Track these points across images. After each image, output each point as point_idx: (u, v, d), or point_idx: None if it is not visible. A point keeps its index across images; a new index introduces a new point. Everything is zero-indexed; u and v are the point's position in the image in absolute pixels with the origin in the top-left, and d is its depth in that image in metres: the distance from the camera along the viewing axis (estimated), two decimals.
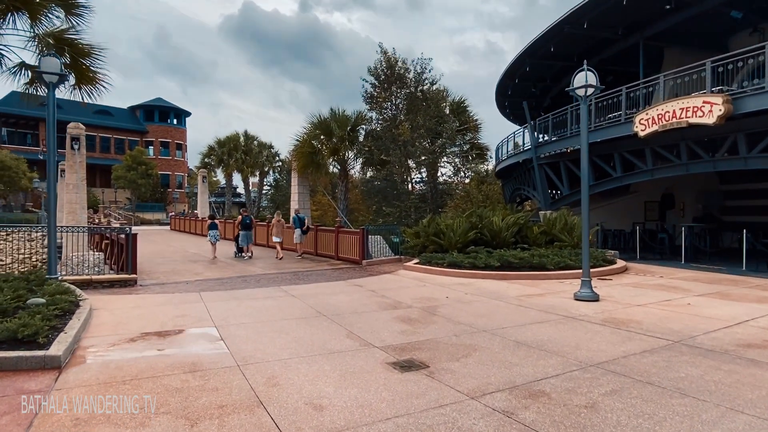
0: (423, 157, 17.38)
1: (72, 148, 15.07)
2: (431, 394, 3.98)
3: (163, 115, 60.85)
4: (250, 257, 15.48)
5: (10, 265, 15.31)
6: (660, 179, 16.61)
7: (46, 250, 15.27)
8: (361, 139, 18.59)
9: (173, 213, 43.89)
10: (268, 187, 43.62)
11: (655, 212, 21.21)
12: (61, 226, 10.56)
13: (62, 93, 9.51)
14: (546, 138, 20.26)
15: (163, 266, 13.65)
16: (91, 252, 11.41)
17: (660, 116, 13.06)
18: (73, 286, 8.41)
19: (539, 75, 23.20)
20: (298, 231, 15.83)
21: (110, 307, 7.45)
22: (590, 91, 8.31)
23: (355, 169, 19.52)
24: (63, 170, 31.51)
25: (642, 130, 13.75)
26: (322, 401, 3.82)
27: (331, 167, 19.41)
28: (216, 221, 16.79)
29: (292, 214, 19.49)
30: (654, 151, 14.65)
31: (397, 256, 15.03)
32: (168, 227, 38.53)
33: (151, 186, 51.84)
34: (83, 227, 12.02)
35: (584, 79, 8.23)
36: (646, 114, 13.62)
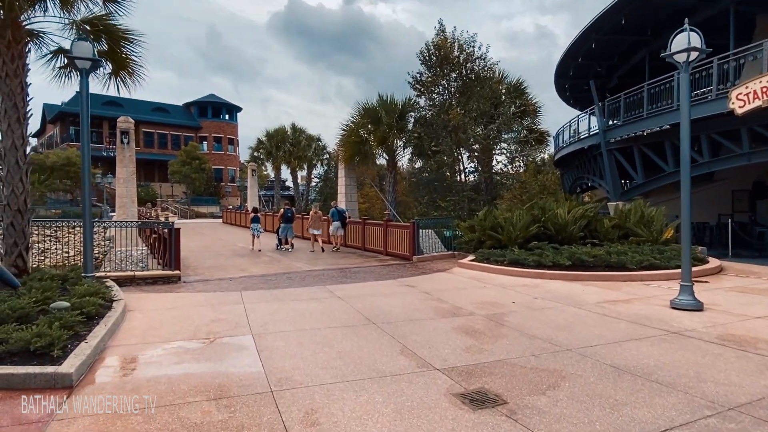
0: (475, 145, 16.12)
1: (122, 142, 15.10)
2: None
3: (216, 111, 62.47)
4: (291, 249, 15.49)
5: (74, 257, 15.67)
6: (752, 165, 14.44)
7: (106, 242, 15.54)
8: (410, 127, 17.55)
9: (231, 207, 44.77)
10: (317, 180, 43.59)
11: (745, 202, 18.73)
12: (101, 221, 10.32)
13: (99, 83, 9.16)
14: (615, 121, 18.30)
15: (209, 261, 13.34)
16: (136, 247, 11.19)
17: (765, 89, 11.09)
18: (112, 284, 8.05)
19: (606, 52, 21.10)
20: (336, 224, 15.54)
21: (146, 308, 6.95)
22: (693, 55, 6.82)
23: (403, 160, 18.54)
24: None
25: (740, 107, 11.80)
26: None
27: (378, 158, 18.53)
28: (258, 215, 16.93)
29: (342, 206, 18.87)
30: (752, 132, 12.60)
31: (450, 252, 13.95)
32: (220, 220, 39.31)
33: (204, 180, 53.34)
34: (130, 221, 11.82)
35: (685, 41, 6.76)
36: (746, 88, 11.65)
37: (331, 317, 6.42)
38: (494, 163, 17.30)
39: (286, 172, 41.51)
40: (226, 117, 63.33)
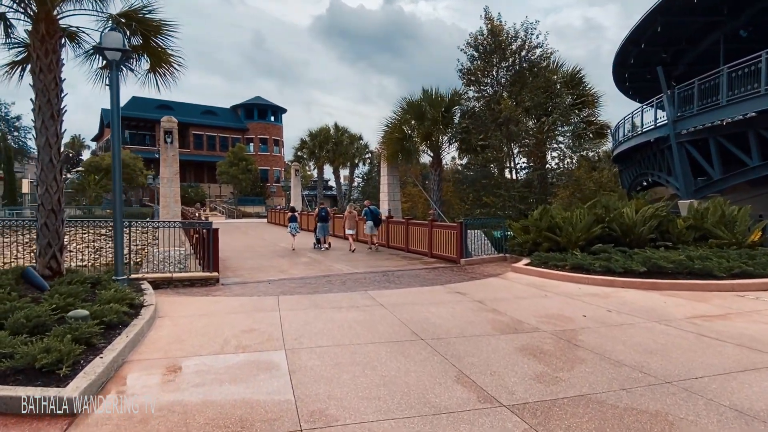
0: (526, 139, 14.92)
1: (165, 141, 15.09)
2: None
3: (262, 112, 63.59)
4: (328, 248, 15.59)
5: (127, 256, 15.86)
6: None
7: (156, 242, 15.64)
8: (456, 121, 16.57)
9: (280, 206, 45.27)
10: (359, 179, 43.22)
11: None
12: (152, 221, 10.09)
13: (135, 81, 8.88)
14: (687, 111, 16.49)
15: (250, 261, 13.00)
16: (176, 247, 10.94)
17: None
18: (147, 286, 7.72)
19: (673, 36, 19.22)
20: (369, 223, 15.31)
21: (177, 314, 6.49)
22: None
23: (447, 158, 17.55)
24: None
25: None
26: None
27: (422, 155, 17.66)
28: (296, 214, 17.19)
29: (385, 206, 18.19)
30: None
31: (501, 255, 12.91)
32: (265, 220, 39.71)
33: (250, 181, 54.27)
34: (168, 221, 11.61)
35: None
36: None
37: (374, 330, 5.67)
38: (549, 158, 16.01)
39: (329, 172, 41.51)
40: (272, 118, 64.34)
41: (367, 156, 38.98)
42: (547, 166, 16.14)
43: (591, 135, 17.36)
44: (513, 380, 4.07)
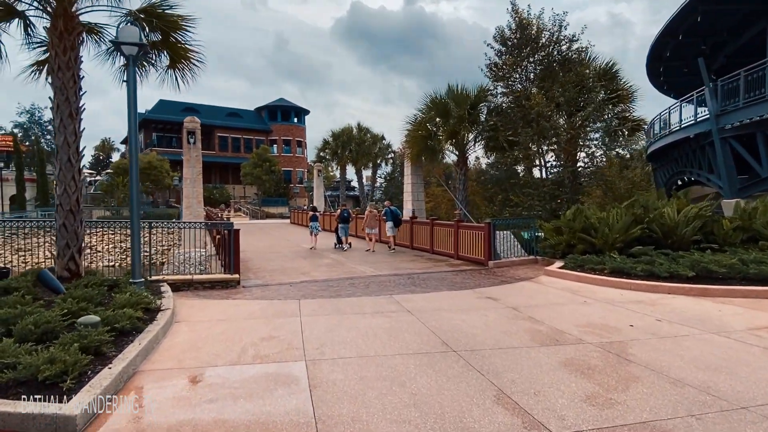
0: (558, 136, 14.22)
1: (188, 142, 15.01)
2: None
3: (285, 114, 64.05)
4: (349, 247, 15.76)
5: (153, 255, 15.93)
6: None
7: (180, 244, 15.65)
8: (482, 118, 15.99)
9: (305, 206, 45.39)
10: (382, 180, 42.86)
11: None
12: (156, 222, 9.95)
13: (155, 79, 8.72)
14: (731, 104, 15.49)
15: (273, 263, 12.77)
16: (197, 248, 10.77)
17: None
18: (167, 289, 7.50)
19: (713, 27, 18.23)
20: (389, 223, 15.21)
21: (194, 319, 6.22)
22: None
23: (472, 157, 16.96)
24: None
25: None
26: None
27: (447, 154, 17.14)
28: (316, 214, 17.35)
29: (409, 206, 17.76)
30: None
31: (531, 257, 12.31)
32: (288, 220, 39.78)
33: (274, 182, 54.66)
34: (189, 222, 11.46)
35: None
36: None
37: (401, 339, 5.26)
38: (580, 156, 15.25)
39: (351, 173, 41.32)
40: (295, 120, 64.73)
41: (389, 156, 38.60)
42: (579, 164, 15.41)
43: (626, 132, 16.53)
44: (561, 402, 3.59)
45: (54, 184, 7.02)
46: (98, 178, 48.85)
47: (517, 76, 14.98)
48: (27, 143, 46.73)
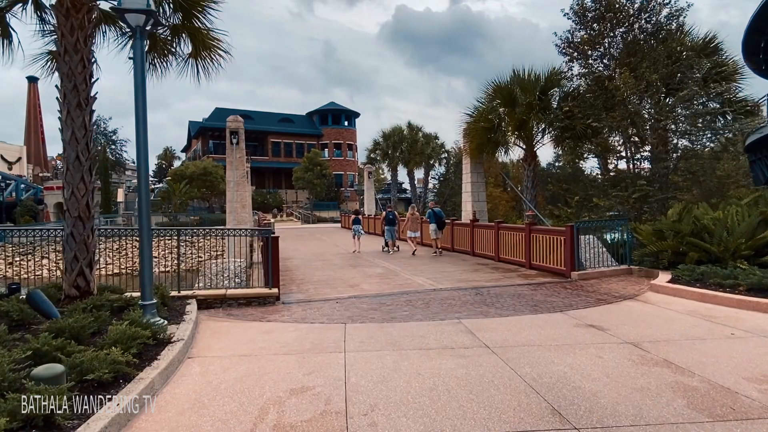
0: (654, 121, 11.89)
1: (231, 142, 14.13)
2: None
3: (336, 118, 63.76)
4: (397, 251, 15.41)
5: (205, 261, 15.30)
6: None
7: (247, 247, 14.80)
8: (554, 105, 13.92)
9: (368, 211, 44.54)
10: (435, 181, 41.03)
11: None
12: (180, 228, 8.87)
13: (176, 70, 7.64)
14: None
15: (319, 272, 11.50)
16: (234, 258, 9.67)
17: None
18: (191, 309, 6.33)
19: None
20: (433, 226, 14.42)
21: (212, 353, 4.90)
22: None
23: (541, 151, 14.85)
24: (247, 171, 33.87)
25: None
26: None
27: (513, 147, 15.16)
28: (359, 217, 17.40)
29: (468, 207, 15.99)
30: None
31: (624, 266, 10.19)
32: (339, 225, 38.95)
33: (325, 186, 54.22)
34: (233, 229, 10.38)
35: None
36: None
37: (487, 401, 3.60)
38: (676, 145, 12.71)
39: (403, 175, 39.80)
40: (345, 123, 64.29)
41: (443, 156, 36.70)
42: (674, 155, 12.92)
43: (729, 116, 13.81)
44: None
45: (67, 188, 6.00)
46: (159, 185, 50.63)
47: (598, 54, 12.78)
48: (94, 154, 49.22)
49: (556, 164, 37.24)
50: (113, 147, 49.57)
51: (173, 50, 7.50)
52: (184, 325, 5.51)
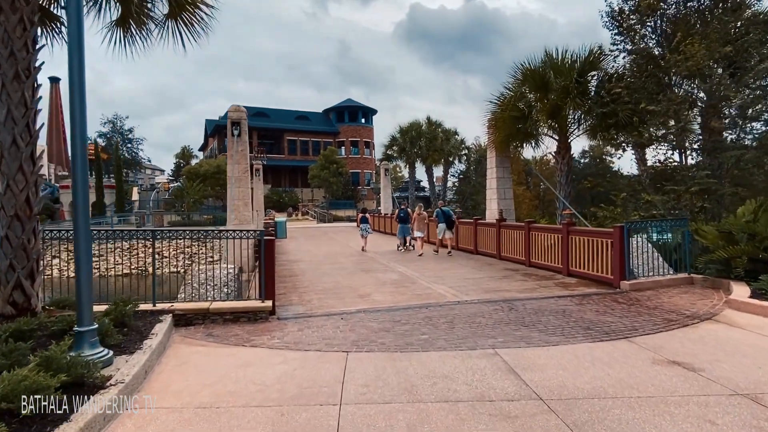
0: (722, 103, 10.13)
1: (232, 134, 12.92)
2: None
3: (352, 115, 62.54)
4: (411, 248, 15.11)
5: (218, 263, 14.21)
6: None
7: (249, 250, 13.63)
8: (592, 91, 12.30)
9: (373, 210, 43.38)
10: (454, 179, 39.37)
11: None
12: (155, 230, 7.64)
13: (158, 39, 6.43)
14: None
15: (327, 277, 10.23)
16: (225, 264, 8.44)
17: None
18: (158, 330, 5.06)
19: None
20: (441, 225, 13.90)
21: (160, 402, 3.61)
22: None
23: (575, 139, 13.10)
24: (258, 170, 32.70)
25: None
26: None
27: (544, 138, 13.59)
28: (366, 216, 17.13)
29: (493, 205, 14.49)
30: None
31: (683, 275, 8.59)
32: (355, 224, 37.75)
33: (341, 184, 53.02)
34: (231, 229, 9.16)
35: None
36: None
37: None
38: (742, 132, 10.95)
39: (421, 173, 38.30)
40: (362, 120, 63.03)
41: (463, 153, 35.05)
42: (748, 141, 11.14)
43: None
44: None
45: (1, 181, 4.75)
46: (175, 183, 50.20)
47: (649, 29, 11.04)
48: (110, 152, 49.00)
49: (582, 161, 35.25)
50: (129, 145, 49.25)
51: (151, 13, 6.26)
52: (138, 356, 4.24)
